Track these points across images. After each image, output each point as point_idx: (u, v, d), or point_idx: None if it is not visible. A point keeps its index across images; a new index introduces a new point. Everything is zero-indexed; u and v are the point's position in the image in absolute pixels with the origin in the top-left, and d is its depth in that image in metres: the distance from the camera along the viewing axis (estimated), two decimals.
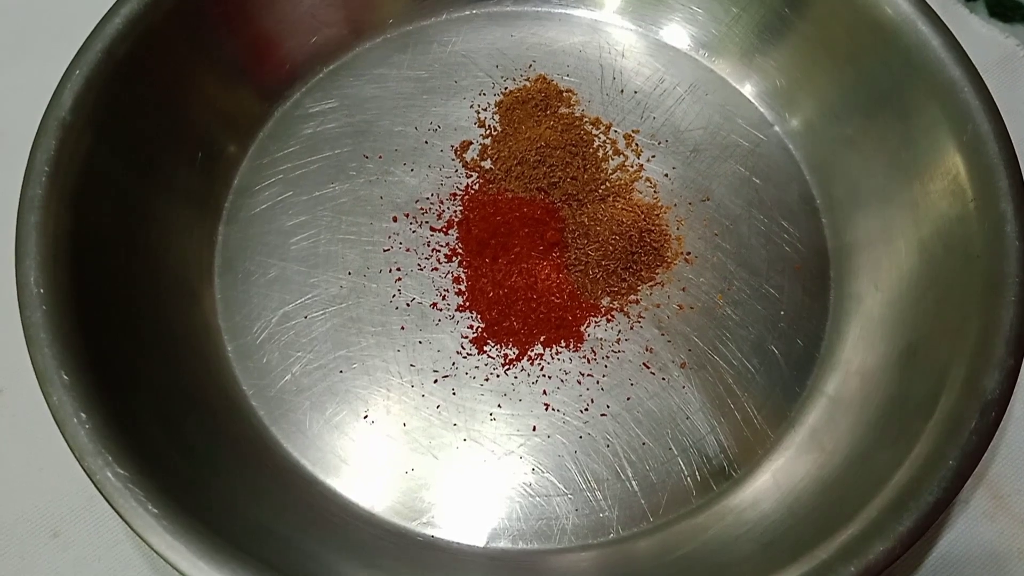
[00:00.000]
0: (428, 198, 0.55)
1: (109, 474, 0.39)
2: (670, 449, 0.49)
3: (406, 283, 0.53)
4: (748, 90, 0.59)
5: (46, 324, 0.41)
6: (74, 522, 0.47)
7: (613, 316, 0.52)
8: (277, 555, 0.40)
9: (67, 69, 0.46)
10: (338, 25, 0.58)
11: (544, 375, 0.51)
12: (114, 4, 0.48)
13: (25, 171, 0.44)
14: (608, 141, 0.57)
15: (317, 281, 0.52)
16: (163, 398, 0.45)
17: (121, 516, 0.38)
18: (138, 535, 0.38)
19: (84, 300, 0.43)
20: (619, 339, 0.52)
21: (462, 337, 0.51)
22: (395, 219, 0.54)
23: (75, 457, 0.39)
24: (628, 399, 0.50)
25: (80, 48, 0.47)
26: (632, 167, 0.57)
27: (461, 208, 0.55)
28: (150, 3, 0.49)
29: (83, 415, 0.40)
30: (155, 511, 0.38)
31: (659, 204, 0.55)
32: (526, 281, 0.52)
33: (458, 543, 0.47)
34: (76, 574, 0.46)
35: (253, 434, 0.48)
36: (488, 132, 0.57)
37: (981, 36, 0.62)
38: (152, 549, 0.37)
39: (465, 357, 0.51)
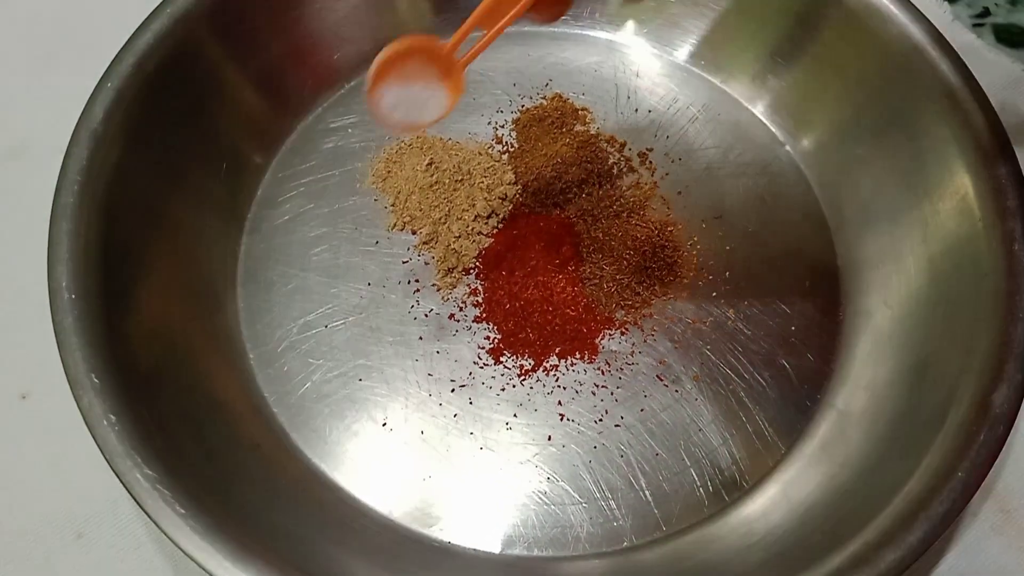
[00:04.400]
0: None
1: (138, 475, 0.39)
2: (683, 460, 0.50)
3: (424, 294, 0.54)
4: (760, 110, 0.61)
5: (77, 328, 0.42)
6: (98, 524, 0.48)
7: (627, 329, 0.53)
8: (299, 557, 0.41)
9: (99, 82, 0.48)
10: (361, 42, 0.60)
11: (559, 386, 0.52)
12: (145, 19, 0.50)
13: (58, 180, 0.45)
14: (623, 158, 0.58)
15: (337, 291, 0.54)
16: (188, 402, 0.46)
17: (150, 516, 0.39)
18: (166, 535, 0.39)
19: (113, 306, 0.44)
20: (633, 352, 0.53)
21: (479, 348, 0.52)
22: (414, 231, 0.55)
23: (105, 458, 0.40)
24: (642, 410, 0.51)
25: (112, 62, 0.49)
26: (646, 184, 0.58)
27: None
28: (179, 19, 0.51)
29: (112, 417, 0.41)
30: (183, 512, 0.39)
31: (672, 220, 0.56)
32: (542, 294, 0.53)
33: (473, 549, 0.47)
34: (99, 575, 0.47)
35: (274, 440, 0.49)
36: (505, 148, 0.59)
37: (988, 61, 0.64)
38: (180, 549, 0.38)
39: (482, 367, 0.52)
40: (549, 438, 0.50)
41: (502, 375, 0.52)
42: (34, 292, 0.44)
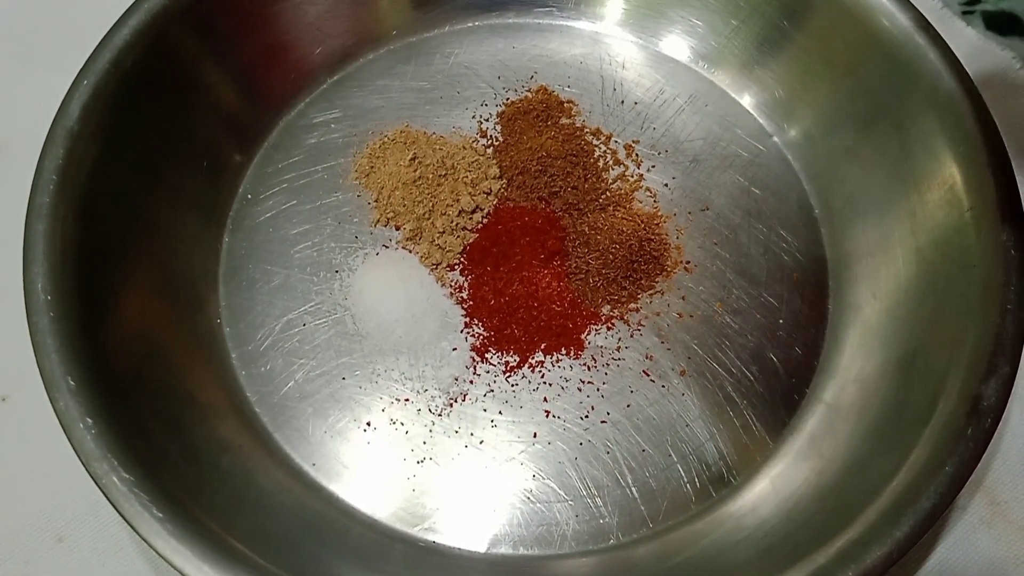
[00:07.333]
0: None
1: (115, 478, 0.39)
2: (669, 456, 0.50)
3: None
4: (747, 101, 0.60)
5: (53, 330, 0.42)
6: (78, 527, 0.48)
7: (613, 324, 0.53)
8: (280, 559, 0.41)
9: (75, 79, 0.47)
10: (342, 36, 0.59)
11: (545, 382, 0.51)
12: (122, 15, 0.49)
13: (33, 179, 0.45)
14: (608, 151, 0.58)
15: (320, 288, 0.53)
16: (168, 403, 0.46)
17: (126, 520, 0.38)
18: (143, 539, 0.38)
19: (90, 306, 0.44)
20: (619, 347, 0.52)
21: (464, 345, 0.52)
22: (397, 227, 0.55)
23: (81, 462, 0.39)
24: (628, 406, 0.51)
25: (88, 59, 0.48)
26: (632, 177, 0.57)
27: None
28: (157, 14, 0.50)
29: (89, 420, 0.40)
30: (160, 515, 0.38)
31: (659, 213, 0.56)
32: (527, 289, 0.53)
33: (459, 549, 0.47)
34: None
35: (257, 440, 0.49)
36: (490, 142, 0.58)
37: (978, 49, 0.63)
38: (157, 553, 0.38)
39: (467, 365, 0.51)
40: (535, 435, 0.50)
41: (487, 372, 0.51)
42: (13, 292, 0.44)
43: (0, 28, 0.62)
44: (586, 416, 0.50)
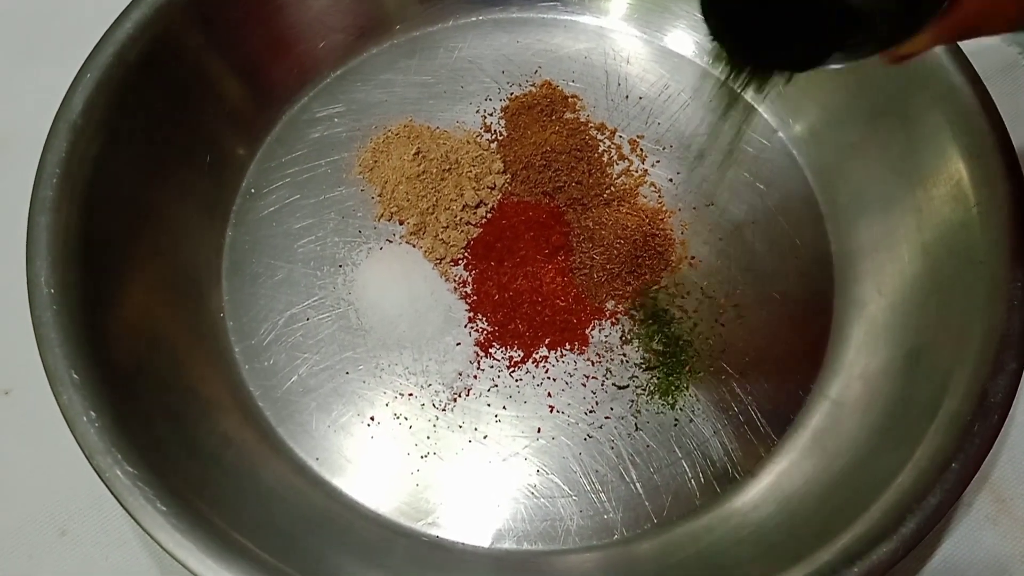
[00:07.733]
0: None
1: (118, 472, 0.39)
2: (674, 451, 0.49)
3: None
4: (752, 96, 0.60)
5: (56, 324, 0.42)
6: (82, 521, 0.48)
7: (618, 319, 0.52)
8: (283, 553, 0.40)
9: (78, 73, 0.47)
10: (346, 31, 0.59)
11: (549, 377, 0.51)
12: (125, 9, 0.49)
13: (36, 173, 0.44)
14: (613, 146, 0.58)
15: (324, 283, 0.53)
16: (171, 398, 0.46)
17: (130, 514, 0.38)
18: (147, 532, 0.38)
19: (93, 300, 0.44)
20: (623, 342, 0.52)
21: (468, 340, 0.52)
22: (401, 222, 0.54)
23: (85, 455, 0.39)
24: (632, 402, 0.50)
25: (91, 52, 0.48)
26: (637, 172, 0.57)
27: None
28: (160, 8, 0.50)
29: (92, 414, 0.40)
30: (163, 509, 0.38)
31: (663, 209, 0.56)
32: (531, 284, 0.53)
33: (463, 543, 0.47)
34: (84, 573, 0.47)
35: (260, 434, 0.49)
36: (494, 137, 0.58)
37: (983, 44, 0.62)
38: (160, 546, 0.38)
39: (471, 359, 0.51)
40: (539, 430, 0.50)
41: (491, 367, 0.51)
42: (16, 286, 0.43)
43: (3, 22, 0.62)
44: (590, 411, 0.50)
